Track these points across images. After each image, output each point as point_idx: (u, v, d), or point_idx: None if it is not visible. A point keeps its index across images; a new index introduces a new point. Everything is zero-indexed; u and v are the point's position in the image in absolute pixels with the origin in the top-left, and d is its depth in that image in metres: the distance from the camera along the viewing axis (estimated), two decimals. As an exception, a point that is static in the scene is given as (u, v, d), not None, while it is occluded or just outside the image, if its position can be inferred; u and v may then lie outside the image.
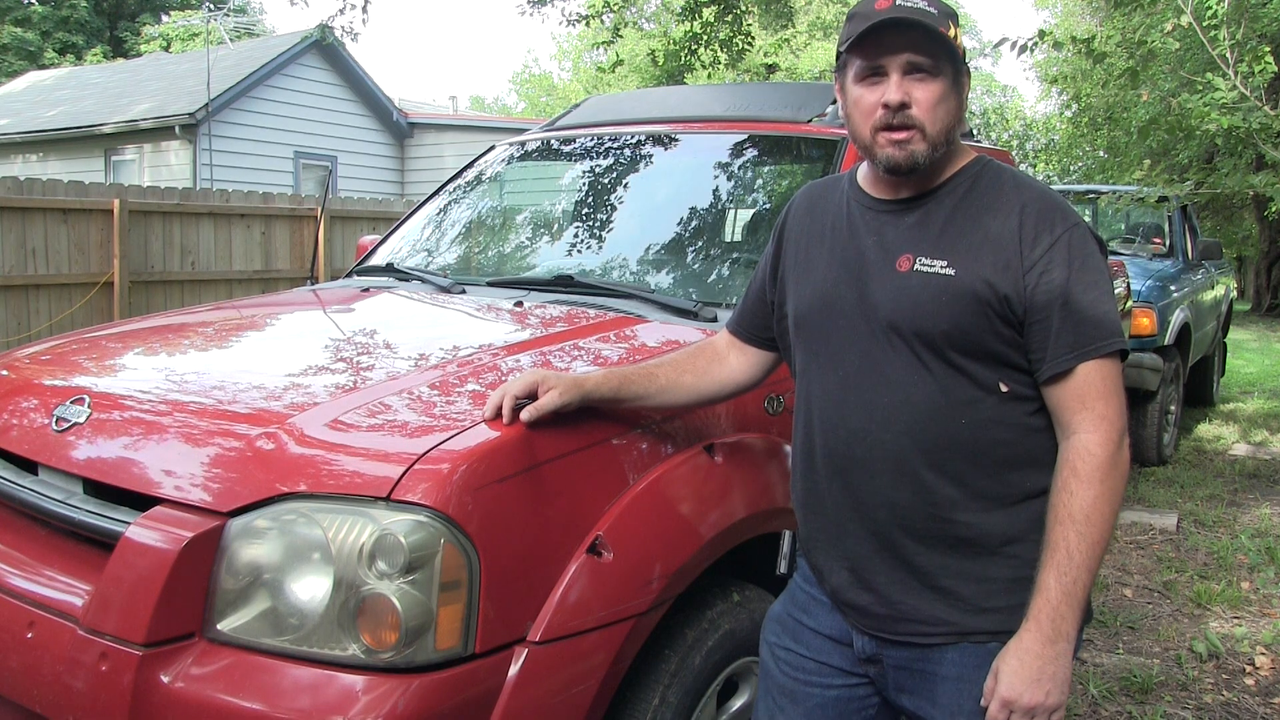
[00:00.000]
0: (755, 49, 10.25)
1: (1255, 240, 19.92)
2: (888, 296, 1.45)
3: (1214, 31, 5.70)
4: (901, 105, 1.42)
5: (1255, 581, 4.16)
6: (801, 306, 1.57)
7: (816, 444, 1.53)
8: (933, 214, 1.47)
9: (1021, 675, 1.36)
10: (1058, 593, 1.35)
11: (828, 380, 1.51)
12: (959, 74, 1.46)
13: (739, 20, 8.51)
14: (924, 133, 1.43)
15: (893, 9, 1.40)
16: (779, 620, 1.65)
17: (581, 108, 3.53)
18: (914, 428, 1.43)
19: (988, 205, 1.44)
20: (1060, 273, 1.37)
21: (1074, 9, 22.97)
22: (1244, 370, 10.69)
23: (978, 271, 1.39)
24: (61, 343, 2.38)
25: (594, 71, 27.95)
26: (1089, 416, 1.37)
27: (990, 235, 1.41)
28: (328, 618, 1.46)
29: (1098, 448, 1.36)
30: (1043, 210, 1.41)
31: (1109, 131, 14.26)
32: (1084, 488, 1.35)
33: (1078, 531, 1.35)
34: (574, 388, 1.65)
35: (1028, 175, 1.51)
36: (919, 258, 1.44)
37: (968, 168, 1.49)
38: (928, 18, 1.40)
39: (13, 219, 7.21)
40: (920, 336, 1.42)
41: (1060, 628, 1.35)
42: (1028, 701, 1.35)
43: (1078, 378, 1.38)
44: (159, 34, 27.23)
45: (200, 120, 13.89)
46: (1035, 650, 1.36)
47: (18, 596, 1.64)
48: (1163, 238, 7.17)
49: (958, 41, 1.43)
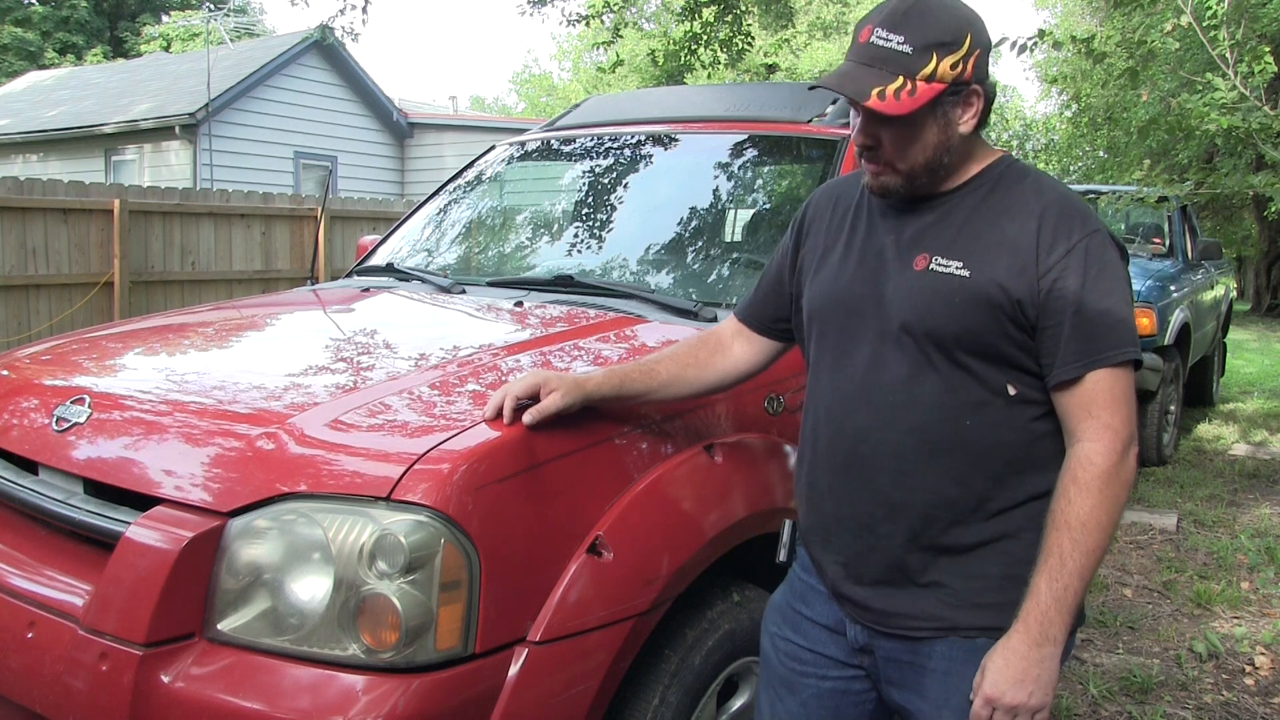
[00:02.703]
0: (755, 49, 10.25)
1: (1255, 240, 19.92)
2: (901, 295, 1.44)
3: (1214, 31, 5.70)
4: (866, 146, 1.44)
5: (1255, 581, 4.16)
6: (816, 301, 1.57)
7: (822, 438, 1.53)
8: (952, 214, 1.46)
9: (1006, 675, 1.37)
10: (1048, 597, 1.36)
11: (837, 376, 1.51)
12: (937, 105, 1.39)
13: (739, 20, 8.51)
14: (894, 168, 1.44)
15: (854, 57, 1.41)
16: (779, 610, 1.66)
17: (581, 108, 3.53)
18: (919, 427, 1.43)
19: (1007, 207, 1.43)
20: (1075, 279, 1.37)
21: (1074, 9, 22.98)
22: (1244, 370, 10.69)
23: (992, 274, 1.39)
24: (61, 343, 2.38)
25: (594, 71, 27.95)
26: (1094, 425, 1.37)
27: (1007, 238, 1.41)
28: (328, 618, 1.46)
29: (1099, 456, 1.37)
30: (1062, 215, 1.40)
31: (1109, 131, 14.28)
32: (1083, 496, 1.36)
33: (1072, 539, 1.35)
34: (576, 389, 1.64)
35: (1050, 177, 1.50)
36: (935, 257, 1.44)
37: (991, 168, 1.48)
38: (882, 75, 1.37)
39: (13, 219, 7.21)
40: (931, 336, 1.41)
41: (1048, 632, 1.36)
42: (1010, 701, 1.37)
43: (1086, 386, 1.38)
44: (159, 34, 27.22)
45: (200, 120, 13.90)
46: (1021, 651, 1.37)
47: (18, 596, 1.64)
48: (1162, 238, 7.17)
49: (939, 74, 1.37)
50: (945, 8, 1.40)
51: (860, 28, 1.42)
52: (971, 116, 1.43)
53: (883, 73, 1.37)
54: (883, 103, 1.36)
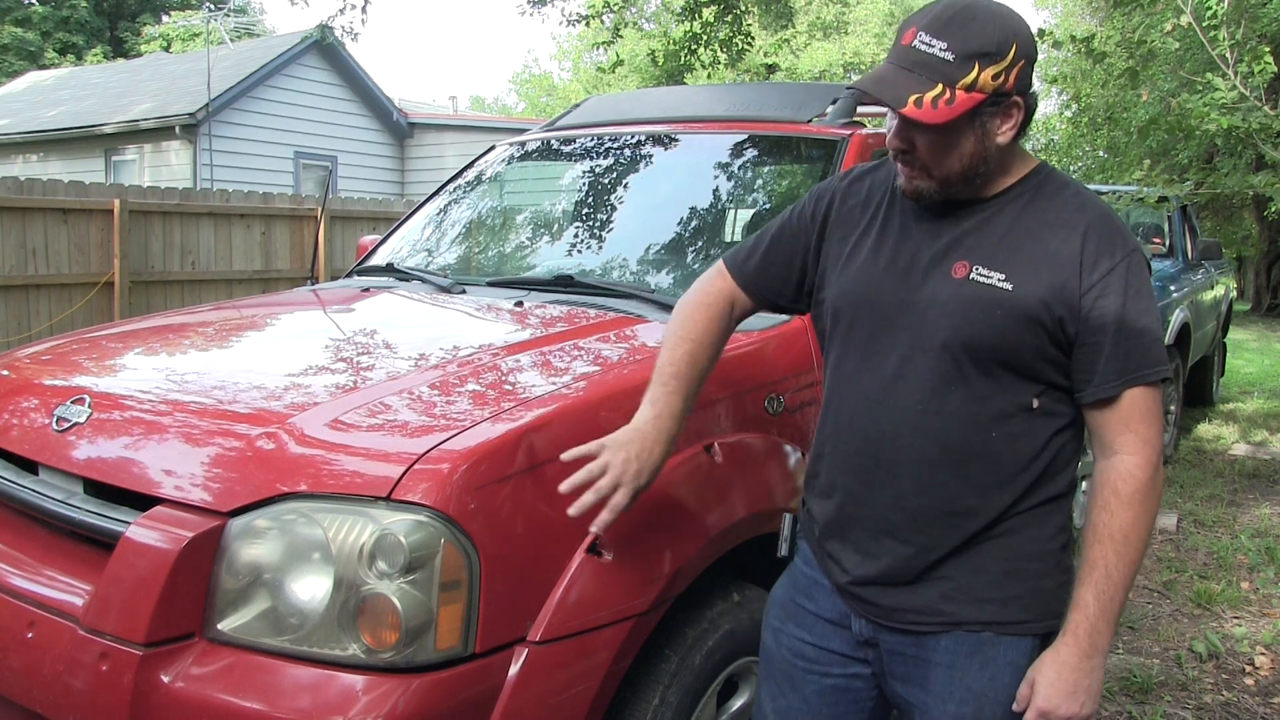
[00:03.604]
0: (755, 49, 10.25)
1: (1255, 240, 19.91)
2: (940, 303, 1.43)
3: (1214, 31, 5.70)
4: (901, 150, 1.42)
5: (1255, 581, 4.16)
6: (844, 297, 1.54)
7: (843, 439, 1.52)
8: (992, 222, 1.45)
9: (1059, 688, 1.39)
10: (1095, 609, 1.38)
11: (863, 379, 1.49)
12: (976, 115, 1.37)
13: (739, 20, 8.50)
14: (928, 173, 1.42)
15: (895, 59, 1.39)
16: (781, 604, 1.66)
17: (581, 108, 3.53)
18: (944, 437, 1.43)
19: (1049, 220, 1.42)
20: (1116, 299, 1.37)
21: (1074, 9, 22.98)
22: (1244, 370, 10.69)
23: (1035, 290, 1.38)
24: (61, 343, 2.38)
25: (594, 71, 27.94)
26: (1133, 439, 1.39)
27: (1050, 252, 1.40)
28: (328, 617, 1.46)
29: (1139, 470, 1.39)
30: (1105, 233, 1.40)
31: (1109, 131, 14.26)
32: (1124, 508, 1.38)
33: (1116, 551, 1.38)
34: (649, 468, 1.56)
35: (1089, 190, 1.49)
36: (975, 266, 1.42)
37: (1029, 177, 1.47)
38: (921, 82, 1.35)
39: (13, 219, 7.21)
40: (967, 347, 1.40)
41: (1096, 642, 1.39)
42: (1064, 713, 1.39)
43: (1124, 402, 1.39)
44: (159, 34, 27.23)
45: (200, 120, 13.90)
46: (1072, 664, 1.39)
47: (18, 596, 1.64)
48: (1163, 238, 7.17)
49: (980, 84, 1.34)
50: (992, 17, 1.37)
51: (905, 28, 1.40)
52: (1010, 128, 1.41)
53: (922, 79, 1.35)
54: (919, 110, 1.35)
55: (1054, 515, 1.47)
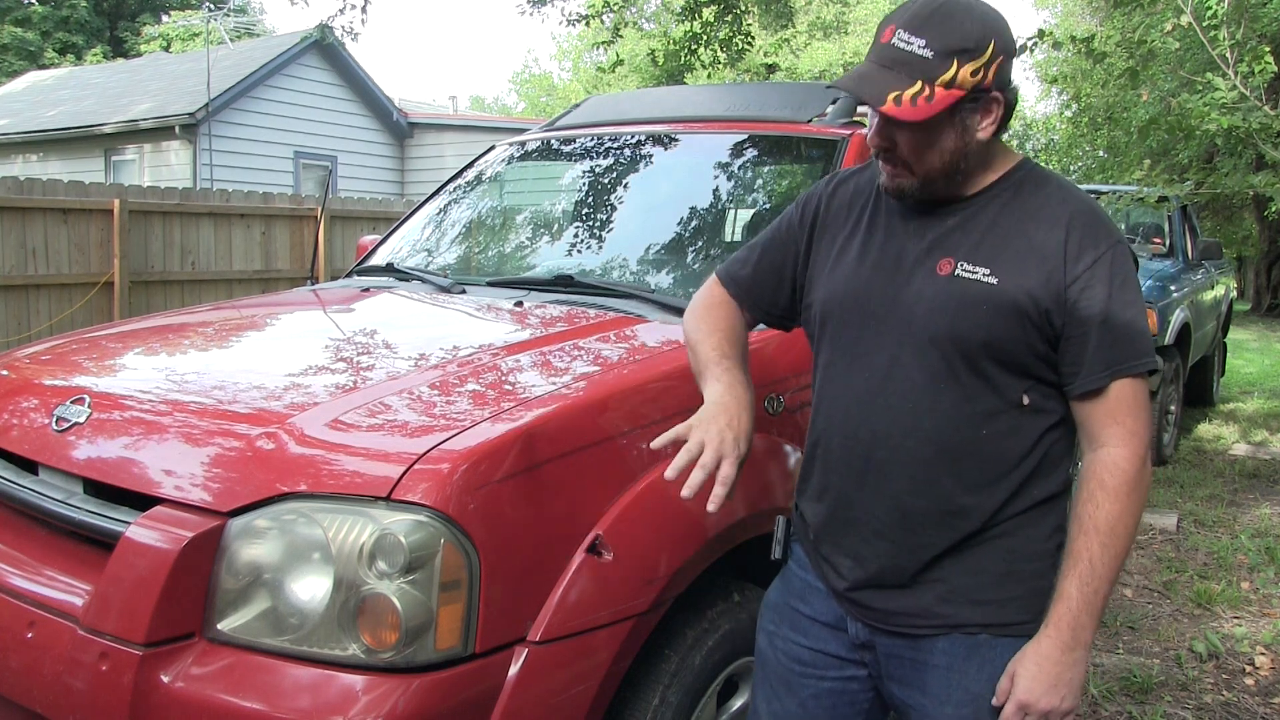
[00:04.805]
0: (755, 49, 10.24)
1: (1255, 240, 19.91)
2: (925, 300, 1.43)
3: (1214, 31, 5.70)
4: (882, 148, 1.43)
5: (1255, 581, 4.16)
6: (831, 299, 1.54)
7: (835, 441, 1.52)
8: (975, 218, 1.45)
9: (1040, 680, 1.38)
10: (1079, 601, 1.37)
11: (853, 380, 1.49)
12: (955, 112, 1.38)
13: (739, 20, 8.50)
14: (910, 171, 1.43)
15: (874, 57, 1.39)
16: (775, 608, 1.65)
17: (581, 108, 3.53)
18: (936, 435, 1.42)
19: (1032, 214, 1.43)
20: (1102, 290, 1.37)
21: (1074, 9, 22.97)
22: (1244, 370, 10.69)
23: (1021, 283, 1.38)
24: (61, 343, 2.38)
25: (594, 71, 27.91)
26: (1119, 431, 1.39)
27: (1034, 245, 1.40)
28: (328, 617, 1.46)
29: (1125, 462, 1.38)
30: (1088, 224, 1.40)
31: (1109, 131, 14.27)
32: (1110, 501, 1.37)
33: (1101, 543, 1.37)
34: (745, 436, 1.49)
35: (1071, 183, 1.49)
36: (960, 262, 1.42)
37: (1011, 173, 1.47)
38: (900, 79, 1.35)
39: (13, 219, 7.21)
40: (956, 343, 1.40)
41: (1079, 635, 1.38)
42: (1044, 706, 1.38)
43: (1111, 394, 1.39)
44: (159, 34, 27.23)
45: (200, 120, 13.89)
46: (1054, 656, 1.38)
47: (18, 596, 1.64)
48: (1163, 238, 7.17)
49: (959, 80, 1.35)
50: (970, 13, 1.37)
51: (883, 27, 1.40)
52: (991, 123, 1.41)
53: (901, 77, 1.36)
54: (899, 108, 1.35)
55: (1049, 515, 1.46)
